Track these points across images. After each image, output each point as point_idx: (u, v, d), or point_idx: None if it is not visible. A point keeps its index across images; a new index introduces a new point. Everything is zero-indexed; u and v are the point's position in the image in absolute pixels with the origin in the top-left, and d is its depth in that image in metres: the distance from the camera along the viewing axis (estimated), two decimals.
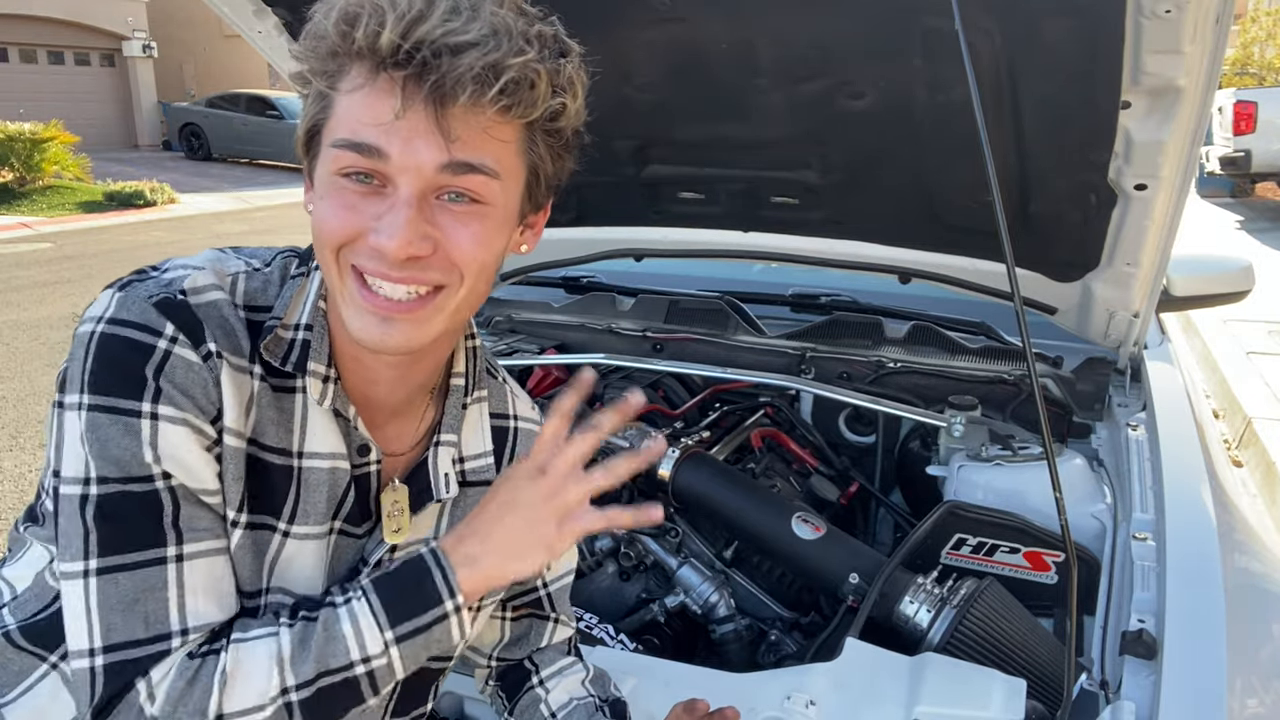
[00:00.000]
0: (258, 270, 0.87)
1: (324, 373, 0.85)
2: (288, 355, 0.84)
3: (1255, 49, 16.28)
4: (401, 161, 0.73)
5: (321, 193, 0.78)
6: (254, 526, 0.83)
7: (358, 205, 0.75)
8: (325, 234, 0.77)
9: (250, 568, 0.84)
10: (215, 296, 0.82)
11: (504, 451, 1.05)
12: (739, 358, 2.29)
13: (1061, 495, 1.14)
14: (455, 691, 1.29)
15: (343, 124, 0.75)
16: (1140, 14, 1.29)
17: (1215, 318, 6.14)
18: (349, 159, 0.74)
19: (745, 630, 1.76)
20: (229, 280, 0.84)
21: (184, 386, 0.77)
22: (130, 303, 0.78)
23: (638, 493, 1.95)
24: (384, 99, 0.72)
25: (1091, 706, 1.20)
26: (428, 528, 0.97)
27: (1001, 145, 1.66)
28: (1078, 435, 1.97)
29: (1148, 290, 1.89)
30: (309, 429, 0.85)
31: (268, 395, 0.83)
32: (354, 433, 0.88)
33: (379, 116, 0.72)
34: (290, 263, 0.89)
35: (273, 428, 0.84)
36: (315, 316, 0.85)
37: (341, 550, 0.89)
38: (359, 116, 0.73)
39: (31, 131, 12.45)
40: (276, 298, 0.85)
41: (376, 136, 0.73)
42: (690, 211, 2.29)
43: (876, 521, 2.19)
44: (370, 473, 0.90)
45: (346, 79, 0.74)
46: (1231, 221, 10.62)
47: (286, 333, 0.84)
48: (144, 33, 20.01)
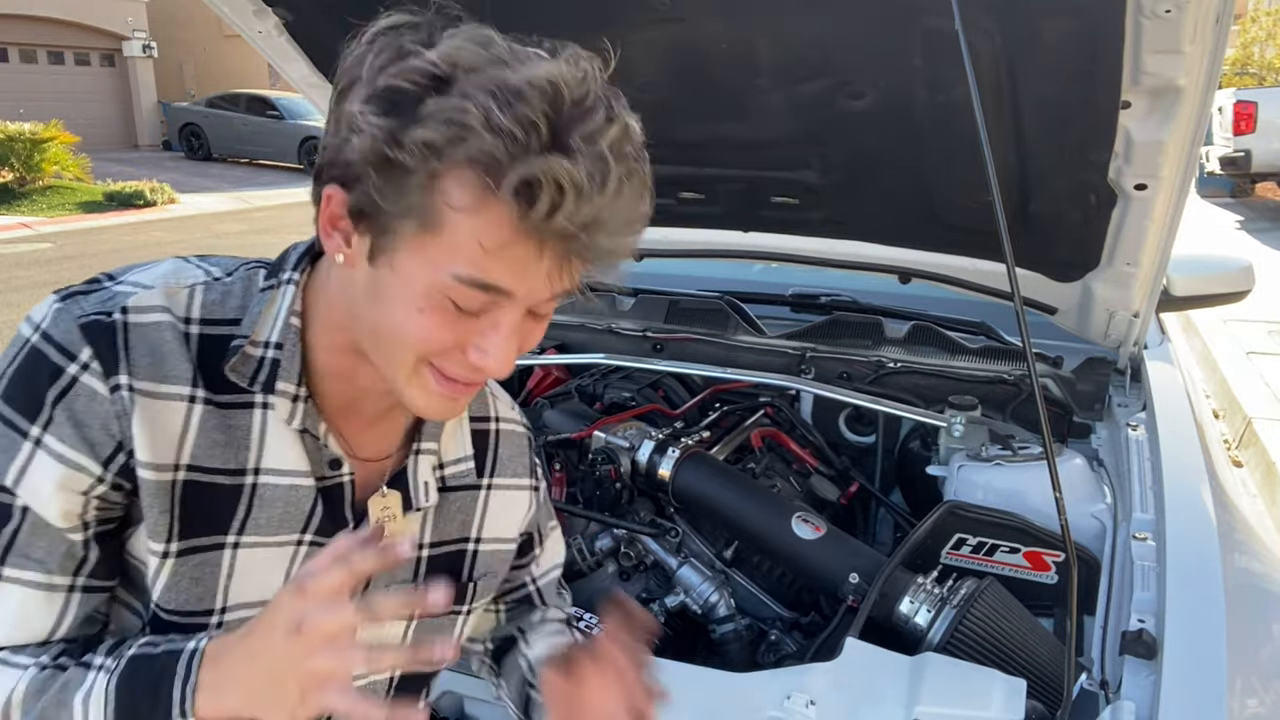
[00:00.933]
0: (217, 280, 0.84)
1: (294, 392, 0.82)
2: (255, 374, 0.81)
3: (1255, 49, 16.28)
4: (519, 296, 0.72)
5: (422, 305, 0.72)
6: (198, 550, 0.81)
7: (461, 322, 0.73)
8: (415, 343, 0.74)
9: (194, 591, 0.82)
10: (158, 318, 0.78)
11: (486, 455, 1.03)
12: (739, 358, 2.29)
13: (1061, 495, 1.14)
14: (455, 691, 1.29)
15: (465, 257, 0.69)
16: (1140, 14, 1.29)
17: (1215, 318, 6.14)
18: (466, 294, 0.71)
19: (745, 630, 1.76)
20: (184, 293, 0.81)
21: (80, 419, 0.75)
22: (62, 318, 0.76)
23: (638, 492, 1.96)
24: (529, 256, 0.70)
25: (1091, 706, 1.20)
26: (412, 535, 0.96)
27: (1001, 145, 1.66)
28: (1078, 435, 1.97)
29: (1148, 290, 1.89)
30: (267, 446, 0.83)
31: (213, 419, 0.80)
32: (324, 450, 0.86)
33: (516, 267, 0.70)
34: (256, 274, 0.85)
35: (218, 450, 0.81)
36: (286, 334, 0.82)
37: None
38: (491, 258, 0.69)
39: (31, 131, 12.45)
40: (238, 309, 0.82)
41: (510, 282, 0.71)
42: (690, 211, 2.29)
43: (876, 521, 2.19)
44: (343, 483, 0.88)
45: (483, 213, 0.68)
46: (1231, 221, 10.62)
47: (255, 349, 0.81)
48: (144, 33, 20.01)
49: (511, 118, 0.64)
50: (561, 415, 2.17)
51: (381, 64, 0.69)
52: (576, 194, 0.66)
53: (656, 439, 1.91)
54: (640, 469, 1.90)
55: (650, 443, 1.90)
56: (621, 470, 1.91)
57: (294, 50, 1.92)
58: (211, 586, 0.83)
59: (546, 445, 2.08)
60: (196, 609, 0.83)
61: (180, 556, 0.81)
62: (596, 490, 1.93)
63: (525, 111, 0.64)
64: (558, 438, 2.06)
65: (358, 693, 0.69)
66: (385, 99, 0.67)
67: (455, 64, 0.66)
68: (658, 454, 1.88)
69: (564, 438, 2.04)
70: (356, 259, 0.74)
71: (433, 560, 0.98)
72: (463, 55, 0.67)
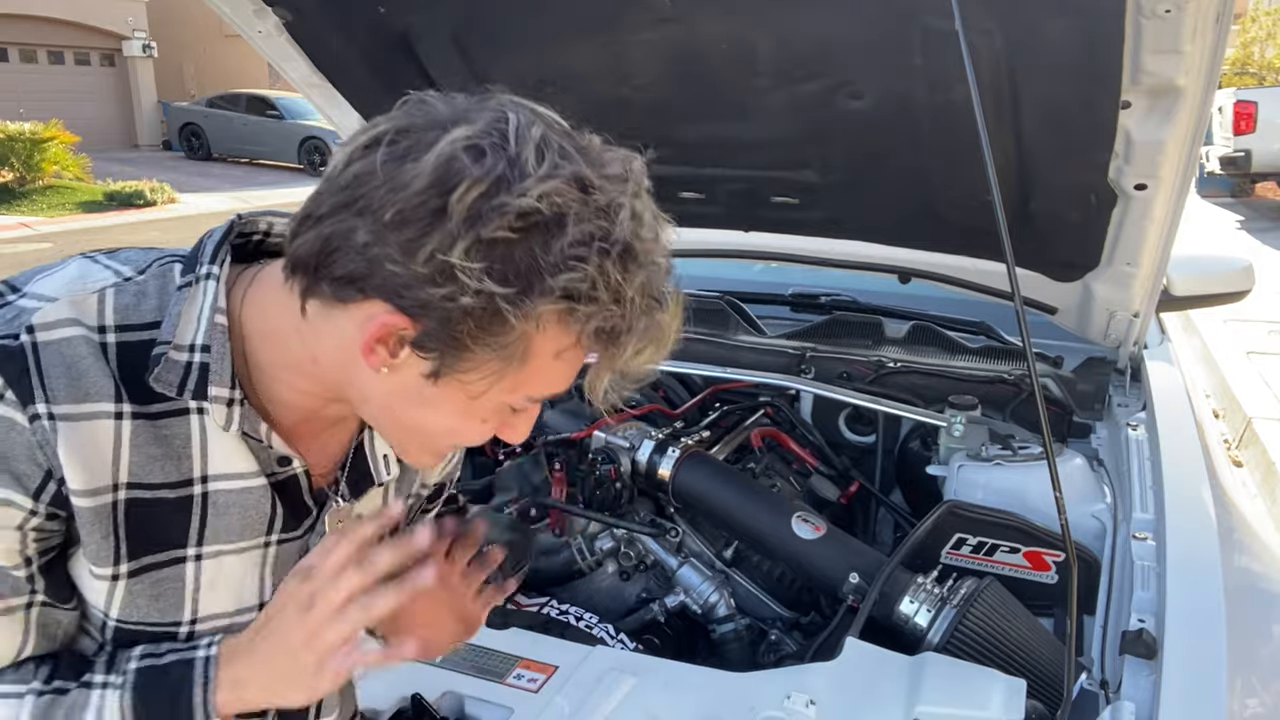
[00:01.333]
0: (129, 280, 0.77)
1: (228, 396, 0.76)
2: (184, 382, 0.75)
3: (1255, 49, 16.28)
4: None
5: (474, 412, 0.75)
6: (152, 567, 0.79)
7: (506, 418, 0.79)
8: (452, 439, 0.79)
9: (155, 606, 0.80)
10: (69, 333, 0.72)
11: None
12: (739, 357, 2.29)
13: (1061, 495, 1.14)
14: (455, 691, 1.29)
15: (541, 382, 0.73)
16: (1140, 14, 1.29)
17: (1215, 318, 6.14)
18: (532, 408, 0.78)
19: (745, 630, 1.76)
20: (93, 300, 0.74)
21: (1, 452, 0.70)
22: None
23: (638, 492, 1.96)
24: (576, 371, 0.74)
25: (1091, 706, 1.20)
26: (376, 504, 0.95)
27: (1001, 145, 1.66)
28: (1078, 435, 1.97)
29: (1148, 290, 1.89)
30: (210, 451, 0.78)
31: (145, 432, 0.75)
32: (270, 450, 0.82)
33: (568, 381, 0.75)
34: (170, 269, 0.78)
35: (156, 464, 0.76)
36: (213, 335, 0.75)
37: (284, 557, 0.86)
38: (561, 381, 0.74)
39: (31, 131, 12.45)
40: (156, 311, 0.76)
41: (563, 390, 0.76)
42: (690, 211, 2.29)
43: (876, 521, 2.19)
44: (296, 475, 0.85)
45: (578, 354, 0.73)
46: (1231, 221, 10.62)
47: (180, 354, 0.75)
48: (144, 33, 20.00)
49: (635, 286, 0.67)
50: (561, 415, 2.17)
51: (473, 203, 0.63)
52: (665, 348, 0.73)
53: (656, 439, 1.91)
54: (640, 469, 1.90)
55: (650, 443, 1.90)
56: (621, 470, 1.91)
57: (294, 50, 1.92)
58: (176, 600, 0.80)
59: (546, 445, 2.08)
60: (160, 621, 0.81)
61: (133, 577, 0.77)
62: (596, 490, 1.93)
63: (640, 276, 0.68)
64: (558, 438, 2.06)
65: (366, 647, 0.73)
66: (498, 258, 0.64)
67: (560, 209, 0.64)
68: (658, 454, 1.88)
69: (564, 438, 2.04)
70: (402, 370, 0.71)
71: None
72: (564, 198, 0.64)
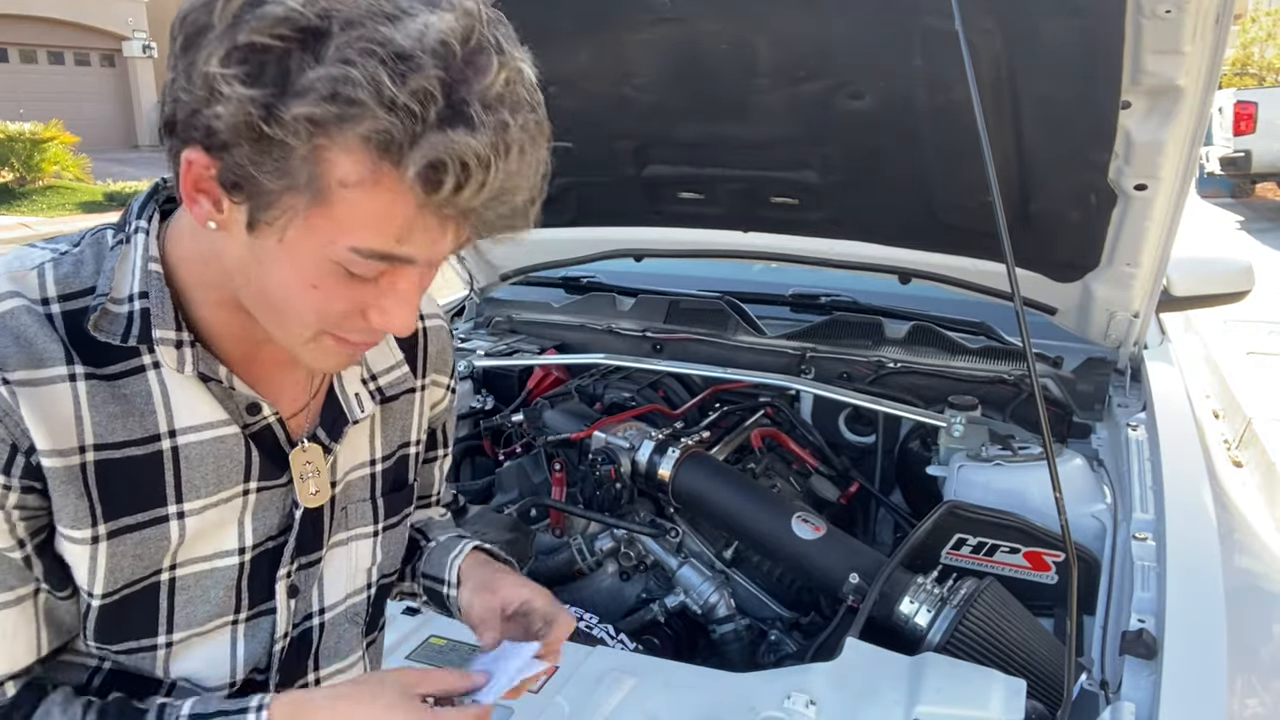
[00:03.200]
0: (65, 254, 0.78)
1: (175, 338, 0.76)
2: (127, 331, 0.75)
3: (1255, 49, 16.29)
4: (424, 259, 0.69)
5: (314, 279, 0.69)
6: (133, 528, 0.78)
7: (356, 288, 0.70)
8: (312, 318, 0.72)
9: (139, 565, 0.80)
10: (10, 305, 0.73)
11: (416, 354, 1.00)
12: (739, 358, 2.29)
13: (1061, 495, 1.14)
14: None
15: (363, 231, 0.66)
16: (1140, 14, 1.29)
17: (1215, 318, 6.14)
18: (371, 266, 0.68)
19: (745, 630, 1.76)
20: (33, 275, 0.75)
21: None
22: None
23: (638, 493, 1.96)
24: (431, 229, 0.66)
25: (1091, 706, 1.20)
26: (363, 450, 0.94)
27: (1001, 145, 1.66)
28: (1078, 435, 1.97)
29: (1148, 290, 1.89)
30: (173, 404, 0.78)
31: (102, 391, 0.75)
32: (235, 394, 0.81)
33: (419, 239, 0.67)
34: (104, 236, 0.79)
35: (119, 423, 0.76)
36: (149, 282, 0.76)
37: (265, 504, 0.86)
38: (394, 233, 0.66)
39: (31, 131, 12.45)
40: (94, 275, 0.76)
41: (412, 251, 0.68)
42: (690, 211, 2.29)
43: (876, 521, 2.19)
44: (270, 424, 0.85)
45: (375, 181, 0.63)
46: (1231, 221, 10.62)
47: (119, 307, 0.75)
48: (144, 33, 20.01)
49: (407, 91, 0.59)
50: (561, 415, 2.17)
51: (236, 10, 0.61)
52: (483, 170, 0.62)
53: (656, 439, 1.91)
54: (640, 469, 1.90)
55: (650, 443, 1.90)
56: (621, 470, 1.91)
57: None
58: (158, 557, 0.80)
59: (546, 445, 2.08)
60: (142, 576, 0.80)
61: (113, 538, 0.77)
62: (596, 490, 1.93)
63: (420, 82, 0.59)
64: (558, 438, 2.06)
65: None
66: (249, 61, 0.60)
67: (328, 14, 0.59)
68: (658, 454, 1.88)
69: (564, 438, 2.04)
70: (231, 225, 0.69)
71: (385, 473, 0.97)
72: (336, 2, 0.60)
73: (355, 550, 0.95)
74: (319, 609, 0.94)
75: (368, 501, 0.95)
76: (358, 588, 0.97)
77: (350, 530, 0.94)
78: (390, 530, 0.99)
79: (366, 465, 0.95)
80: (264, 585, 0.87)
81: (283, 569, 0.88)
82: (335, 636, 0.96)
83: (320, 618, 0.94)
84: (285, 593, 0.89)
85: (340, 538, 0.93)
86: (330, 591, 0.94)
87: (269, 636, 0.90)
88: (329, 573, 0.93)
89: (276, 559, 0.87)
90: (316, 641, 0.95)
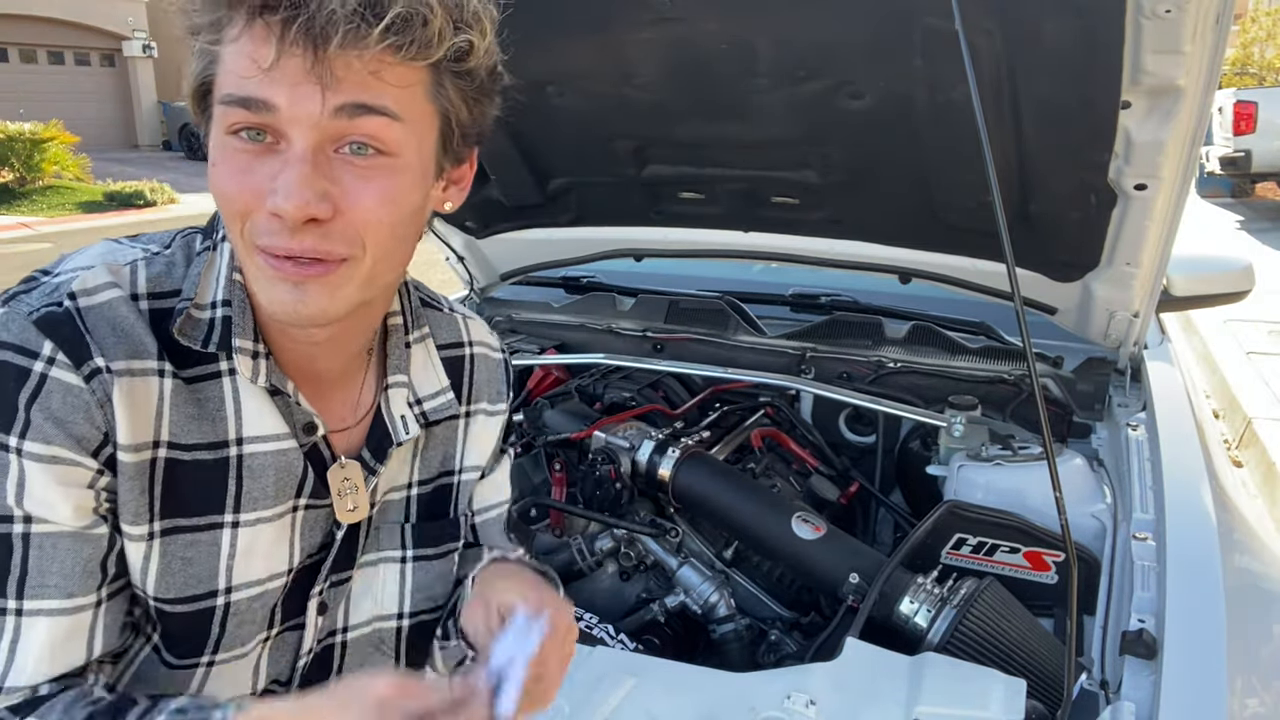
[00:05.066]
0: (157, 255, 0.80)
1: (252, 348, 0.79)
2: (208, 337, 0.77)
3: (1255, 49, 16.28)
4: (290, 112, 0.68)
5: (215, 157, 0.71)
6: (185, 530, 0.79)
7: (253, 167, 0.70)
8: (226, 202, 0.72)
9: (188, 573, 0.80)
10: (109, 295, 0.75)
11: (462, 382, 0.99)
12: (739, 358, 2.29)
13: (1061, 495, 1.14)
14: None
15: (227, 79, 0.69)
16: (1140, 14, 1.29)
17: (1215, 318, 6.14)
18: (237, 115, 0.69)
19: (745, 630, 1.76)
20: (125, 272, 0.77)
21: (59, 416, 0.71)
22: (12, 321, 0.72)
23: (638, 493, 1.96)
24: (261, 46, 0.67)
25: (1091, 706, 1.20)
26: (402, 474, 0.94)
27: (1001, 145, 1.66)
28: (1078, 435, 1.97)
29: (1148, 290, 1.89)
30: (244, 414, 0.80)
31: (182, 392, 0.77)
32: (296, 409, 0.83)
33: (258, 65, 0.67)
34: (193, 240, 0.83)
35: (193, 424, 0.78)
36: (232, 291, 0.78)
37: (310, 522, 0.86)
38: (240, 69, 0.68)
39: (31, 131, 12.45)
40: (183, 279, 0.79)
41: (259, 88, 0.67)
42: (690, 211, 2.29)
43: (876, 521, 2.19)
44: (319, 446, 0.86)
45: (228, 30, 0.69)
46: (1231, 221, 10.62)
47: (202, 313, 0.78)
48: (144, 33, 20.01)
49: None
50: (561, 415, 2.17)
51: None
52: None
53: (656, 439, 1.91)
54: (640, 469, 1.90)
55: (650, 443, 1.90)
56: (621, 470, 1.91)
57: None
58: (210, 568, 0.80)
59: (546, 445, 2.08)
60: (197, 593, 0.80)
61: (165, 536, 0.78)
62: (596, 490, 1.93)
63: None
64: (558, 438, 2.06)
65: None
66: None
67: None
68: (658, 454, 1.88)
69: (564, 438, 2.04)
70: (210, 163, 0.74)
71: (421, 498, 0.96)
72: None
73: (382, 573, 0.94)
74: (342, 627, 0.94)
75: (398, 525, 0.95)
76: (385, 613, 0.95)
77: (380, 552, 0.94)
78: (424, 561, 0.96)
79: (404, 488, 0.95)
80: (298, 602, 0.88)
81: (317, 586, 0.89)
82: (359, 658, 0.95)
83: (343, 636, 0.94)
84: (315, 610, 0.89)
85: (370, 558, 0.93)
86: (355, 612, 0.94)
87: (294, 652, 0.90)
88: (356, 592, 0.93)
89: (313, 576, 0.88)
90: (339, 660, 0.94)
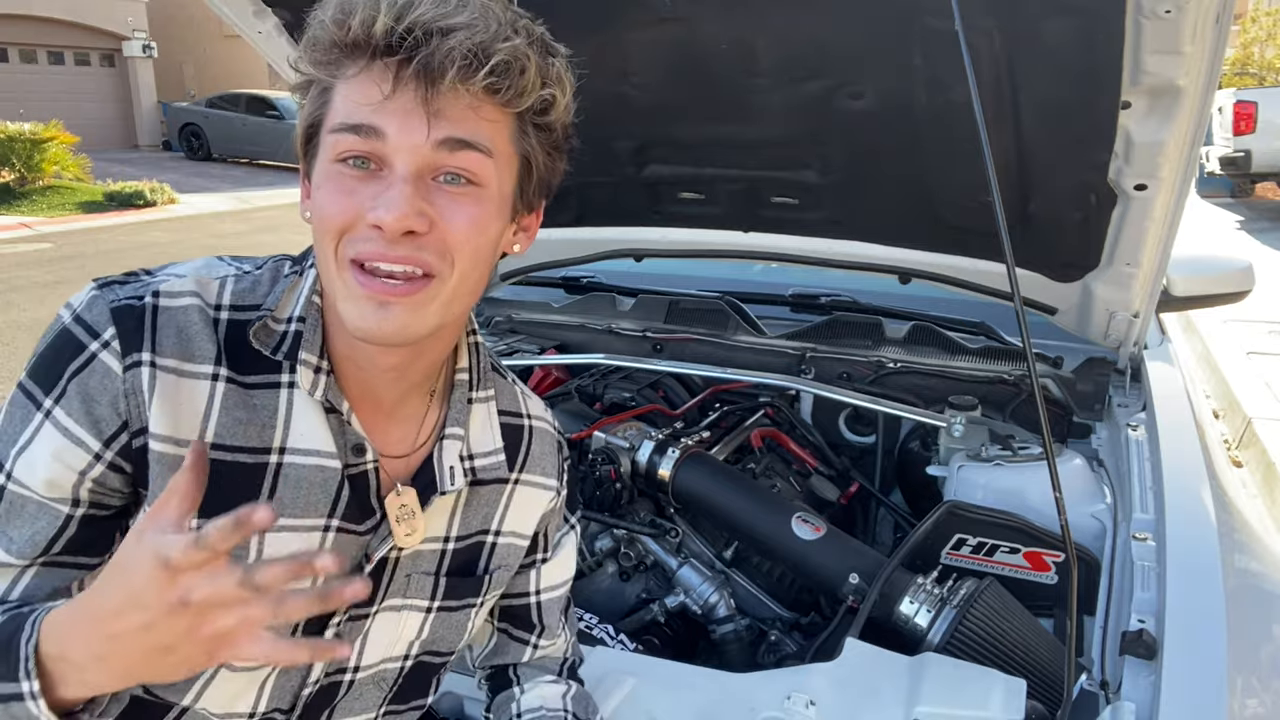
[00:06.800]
0: (247, 273, 0.89)
1: (315, 363, 0.85)
2: (278, 346, 0.85)
3: (1255, 49, 16.28)
4: (397, 140, 0.75)
5: (320, 182, 0.78)
6: None
7: (356, 189, 0.76)
8: (326, 220, 0.78)
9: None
10: (187, 303, 0.83)
11: (518, 450, 1.04)
12: (739, 358, 2.29)
13: (1061, 495, 1.14)
14: (455, 692, 1.29)
15: (340, 110, 0.77)
16: (1140, 14, 1.29)
17: (1215, 318, 6.14)
18: (347, 143, 0.76)
19: (745, 630, 1.76)
20: (215, 284, 0.85)
21: (89, 394, 0.78)
22: (96, 303, 0.81)
23: (638, 493, 1.96)
24: (378, 82, 0.75)
25: (1091, 706, 1.20)
26: (440, 526, 0.96)
27: (1001, 145, 1.66)
28: (1078, 435, 1.97)
29: (1148, 290, 1.89)
30: (294, 425, 0.84)
31: (234, 396, 0.83)
32: (348, 430, 0.87)
33: (373, 97, 0.75)
34: (283, 264, 0.91)
35: (240, 428, 0.83)
36: (309, 310, 0.86)
37: (342, 546, 0.88)
38: (355, 100, 0.76)
39: (31, 131, 12.44)
40: (265, 296, 0.87)
41: (371, 116, 0.75)
42: (690, 211, 2.29)
43: (876, 521, 2.19)
44: (367, 471, 0.89)
45: (344, 70, 0.77)
46: (1231, 221, 10.62)
47: (278, 325, 0.85)
48: (144, 33, 20.00)
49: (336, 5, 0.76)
50: (561, 415, 2.17)
51: None
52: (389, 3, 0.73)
53: (656, 439, 1.91)
54: (640, 469, 1.90)
55: (650, 443, 1.90)
56: (621, 470, 1.91)
57: (294, 50, 1.92)
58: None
59: None
60: None
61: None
62: (596, 490, 1.93)
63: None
64: None
65: (271, 637, 0.63)
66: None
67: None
68: (658, 454, 1.88)
69: (564, 438, 2.04)
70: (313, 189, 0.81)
71: (456, 553, 0.98)
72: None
73: (404, 620, 0.96)
74: (354, 666, 0.95)
75: (431, 576, 0.97)
76: (395, 655, 0.98)
77: (406, 599, 0.95)
78: (446, 612, 0.99)
79: (440, 540, 0.97)
80: (314, 632, 0.89)
81: (336, 617, 0.90)
82: (358, 693, 0.97)
83: (352, 674, 0.95)
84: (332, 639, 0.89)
85: (394, 603, 0.94)
86: (370, 653, 0.95)
87: (300, 681, 0.91)
88: (374, 634, 0.94)
89: None
90: (341, 695, 0.96)
